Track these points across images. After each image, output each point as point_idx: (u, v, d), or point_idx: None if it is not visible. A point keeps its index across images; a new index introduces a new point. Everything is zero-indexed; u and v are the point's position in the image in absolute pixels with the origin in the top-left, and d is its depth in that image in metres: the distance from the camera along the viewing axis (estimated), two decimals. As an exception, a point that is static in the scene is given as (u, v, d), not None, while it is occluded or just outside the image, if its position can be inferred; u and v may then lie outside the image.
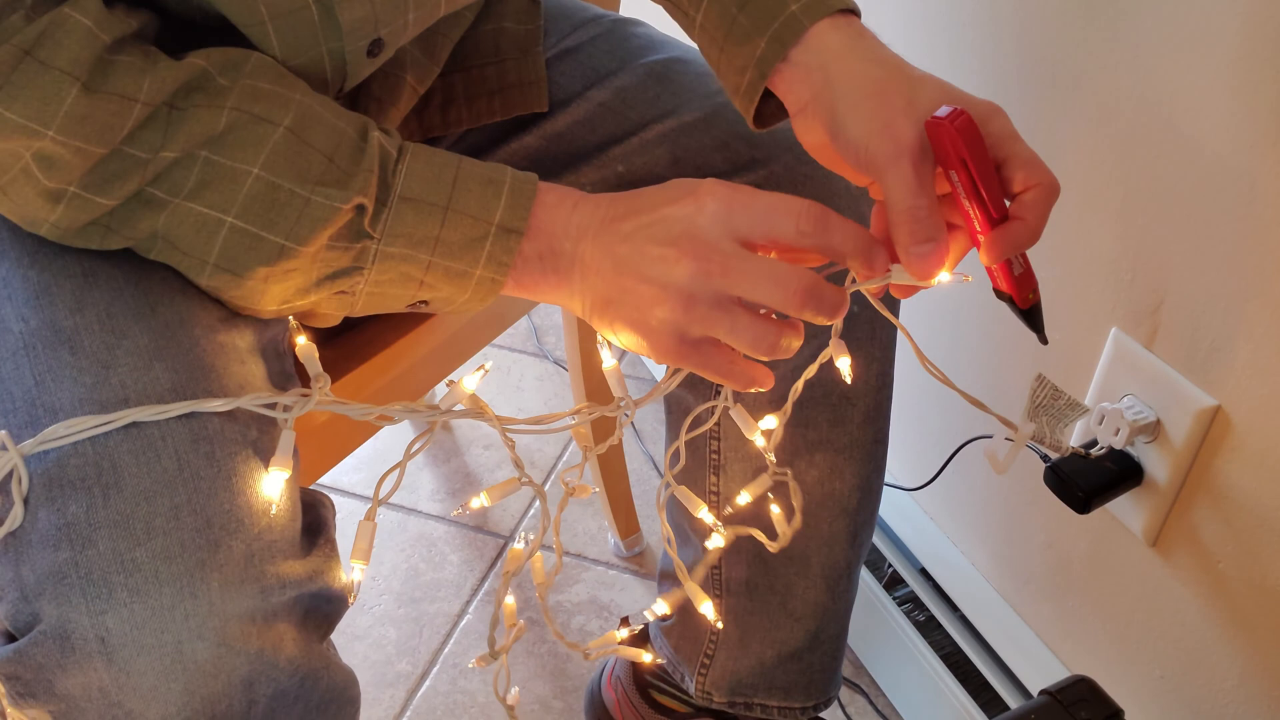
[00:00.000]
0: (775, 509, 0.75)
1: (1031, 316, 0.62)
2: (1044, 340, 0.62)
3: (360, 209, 0.55)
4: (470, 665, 1.18)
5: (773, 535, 0.74)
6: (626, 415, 0.63)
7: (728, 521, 0.78)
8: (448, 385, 0.59)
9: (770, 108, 0.65)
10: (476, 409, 0.59)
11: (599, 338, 0.61)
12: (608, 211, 0.57)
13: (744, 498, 0.75)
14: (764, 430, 0.71)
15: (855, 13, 0.61)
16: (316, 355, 0.58)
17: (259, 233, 0.53)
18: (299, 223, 0.53)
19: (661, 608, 0.75)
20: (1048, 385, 0.65)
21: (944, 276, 0.57)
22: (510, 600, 0.68)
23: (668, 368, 0.61)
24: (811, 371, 0.69)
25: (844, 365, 0.66)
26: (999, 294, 0.61)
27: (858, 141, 0.57)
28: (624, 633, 0.79)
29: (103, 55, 0.50)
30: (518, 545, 0.69)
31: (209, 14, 0.57)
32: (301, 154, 0.54)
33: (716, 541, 0.74)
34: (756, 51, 0.61)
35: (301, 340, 0.58)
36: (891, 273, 0.57)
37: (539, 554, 0.71)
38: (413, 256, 0.56)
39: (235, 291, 0.56)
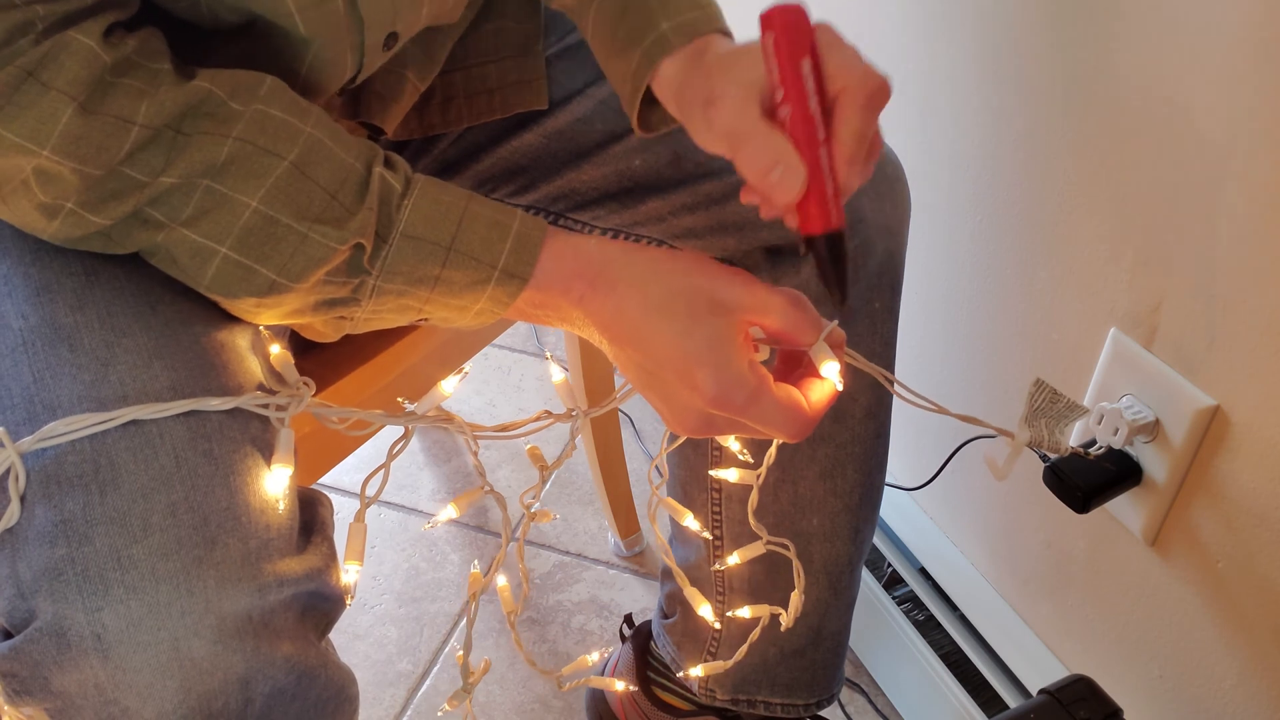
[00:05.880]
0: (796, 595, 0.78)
1: (819, 255, 0.54)
2: (843, 300, 0.56)
3: (358, 248, 0.54)
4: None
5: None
6: (580, 421, 0.66)
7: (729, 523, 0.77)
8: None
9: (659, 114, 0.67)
10: (445, 416, 0.61)
11: (546, 353, 0.63)
12: (612, 317, 0.57)
13: (734, 559, 0.77)
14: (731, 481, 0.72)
15: (727, 34, 0.62)
16: (292, 363, 0.58)
17: (252, 265, 0.53)
18: (293, 259, 0.53)
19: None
20: (1046, 389, 0.65)
21: (834, 373, 0.57)
22: (459, 652, 0.69)
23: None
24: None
25: (832, 371, 0.57)
26: (808, 242, 0.55)
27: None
28: (595, 656, 0.80)
29: (104, 77, 0.50)
30: (475, 569, 0.70)
31: (223, 19, 0.57)
32: (303, 189, 0.53)
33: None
34: (631, 66, 0.63)
35: (276, 349, 0.59)
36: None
37: (506, 584, 0.73)
38: (411, 292, 0.56)
39: (229, 307, 0.56)
